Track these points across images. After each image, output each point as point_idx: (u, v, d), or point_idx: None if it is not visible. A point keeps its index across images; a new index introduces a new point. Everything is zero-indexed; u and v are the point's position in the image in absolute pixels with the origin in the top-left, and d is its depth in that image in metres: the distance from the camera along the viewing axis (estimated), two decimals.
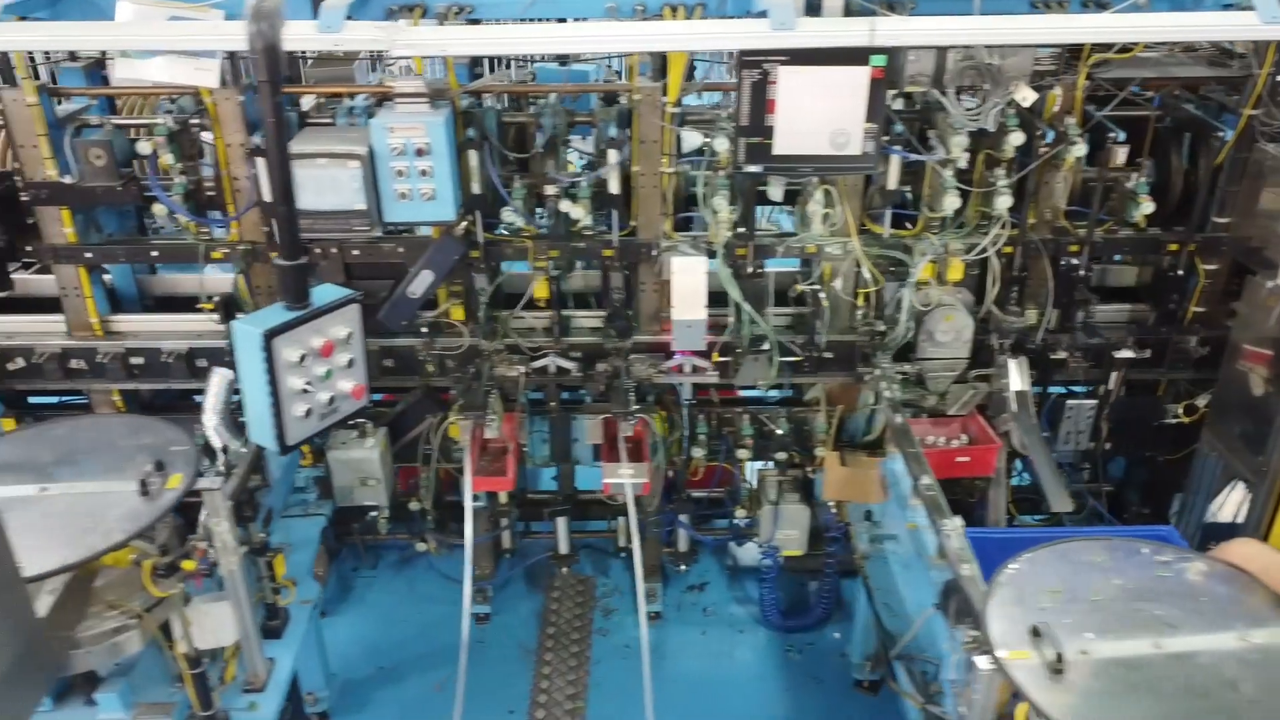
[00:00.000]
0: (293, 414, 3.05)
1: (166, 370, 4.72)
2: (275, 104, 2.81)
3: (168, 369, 4.71)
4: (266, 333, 2.91)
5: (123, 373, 4.74)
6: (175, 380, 4.76)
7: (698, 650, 5.23)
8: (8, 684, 2.59)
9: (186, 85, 4.18)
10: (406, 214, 4.12)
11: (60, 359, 4.72)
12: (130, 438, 3.53)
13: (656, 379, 4.56)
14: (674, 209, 4.51)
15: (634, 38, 3.73)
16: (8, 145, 4.96)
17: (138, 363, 4.73)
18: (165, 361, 4.69)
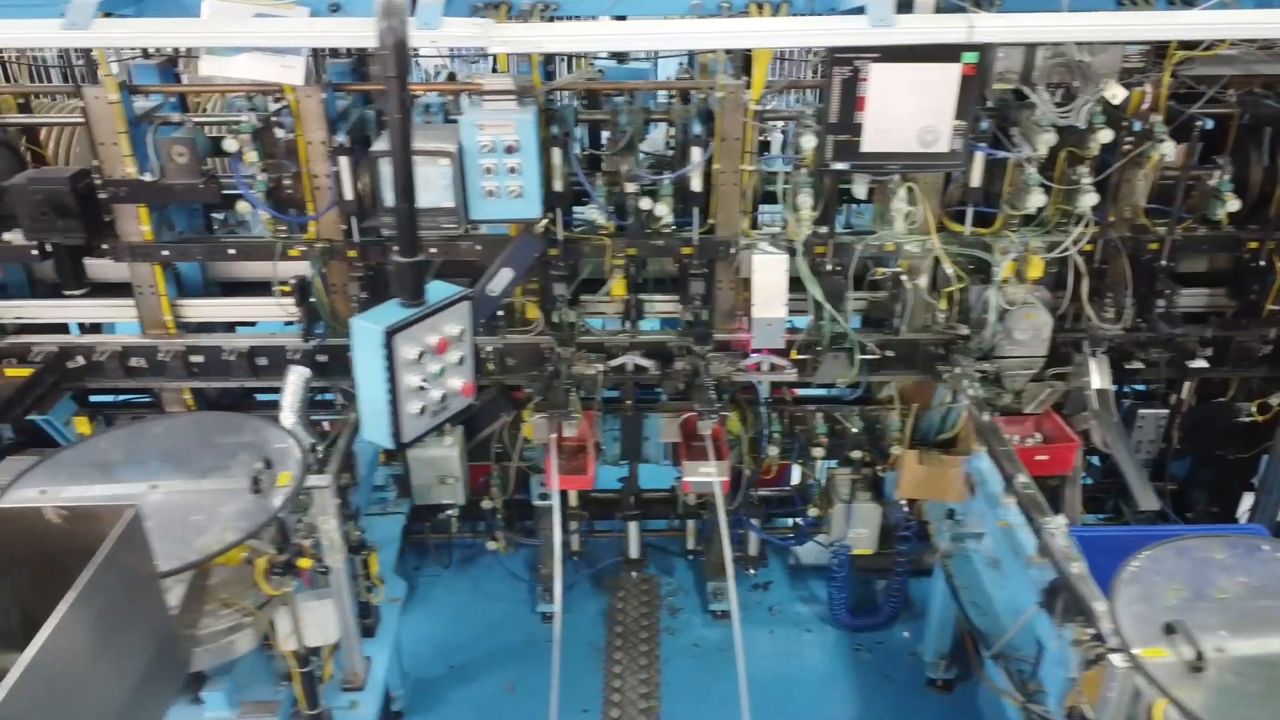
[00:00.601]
0: (408, 411, 3.03)
1: (228, 369, 4.71)
2: (402, 100, 2.79)
3: (228, 367, 4.70)
4: (388, 329, 2.89)
5: (184, 371, 4.73)
6: (236, 379, 4.75)
7: (767, 649, 5.22)
8: (147, 682, 2.58)
9: (270, 82, 4.17)
10: (493, 211, 4.11)
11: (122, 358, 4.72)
12: (229, 435, 3.51)
13: (736, 377, 4.54)
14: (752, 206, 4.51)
15: (734, 34, 3.71)
16: (72, 142, 5.01)
17: (197, 360, 4.72)
18: (227, 360, 4.68)
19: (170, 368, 4.66)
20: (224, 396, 5.15)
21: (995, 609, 4.09)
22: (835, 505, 4.96)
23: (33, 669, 2.04)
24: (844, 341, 4.50)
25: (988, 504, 4.06)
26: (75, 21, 3.57)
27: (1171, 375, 4.74)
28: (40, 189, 4.24)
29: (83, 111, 4.27)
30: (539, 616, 5.38)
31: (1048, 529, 3.45)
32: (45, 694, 2.08)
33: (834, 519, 4.99)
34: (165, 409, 4.95)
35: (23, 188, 4.27)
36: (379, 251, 4.51)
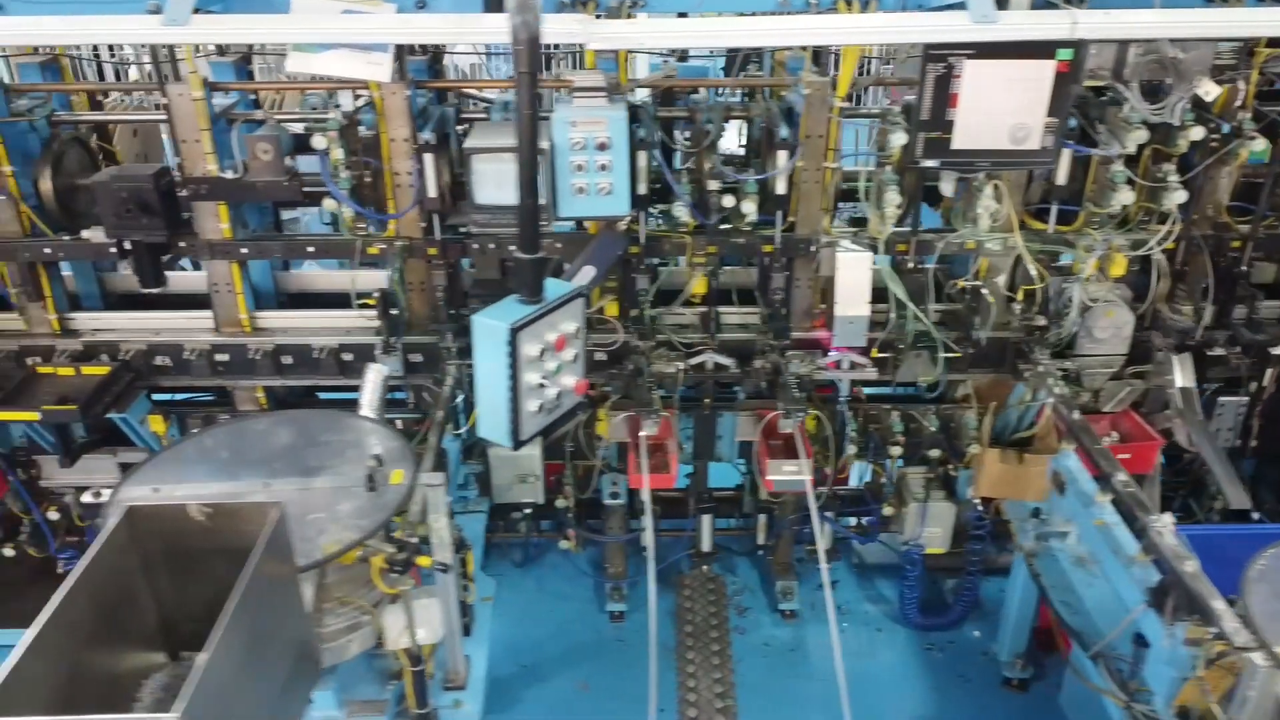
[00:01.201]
0: (527, 409, 3.03)
1: (317, 366, 4.69)
2: (532, 96, 2.79)
3: (318, 365, 4.68)
4: (513, 326, 2.89)
5: (272, 369, 4.72)
6: (325, 376, 4.73)
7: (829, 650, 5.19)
8: (291, 681, 2.57)
9: (356, 79, 4.15)
10: (582, 209, 4.09)
11: (209, 356, 4.71)
12: (332, 433, 3.50)
13: (817, 375, 4.52)
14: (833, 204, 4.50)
15: (837, 30, 3.70)
16: (143, 140, 5.00)
17: (287, 360, 4.71)
18: (316, 357, 4.67)
19: (259, 365, 4.65)
20: (290, 395, 5.13)
21: (1086, 608, 4.07)
22: (909, 504, 4.93)
23: (209, 670, 2.03)
24: (926, 340, 4.48)
25: (1080, 503, 4.04)
26: (175, 18, 3.55)
27: (1252, 372, 4.72)
28: (125, 186, 4.22)
29: (165, 108, 4.27)
30: (607, 616, 5.36)
31: (1155, 527, 3.44)
32: (216, 694, 2.07)
33: (907, 518, 4.97)
34: (237, 407, 4.94)
35: (106, 185, 4.25)
36: (458, 249, 4.50)
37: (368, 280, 4.76)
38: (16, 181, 4.42)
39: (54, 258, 4.55)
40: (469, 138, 3.96)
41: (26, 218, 4.50)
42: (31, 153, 4.50)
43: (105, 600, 2.35)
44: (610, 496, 5.09)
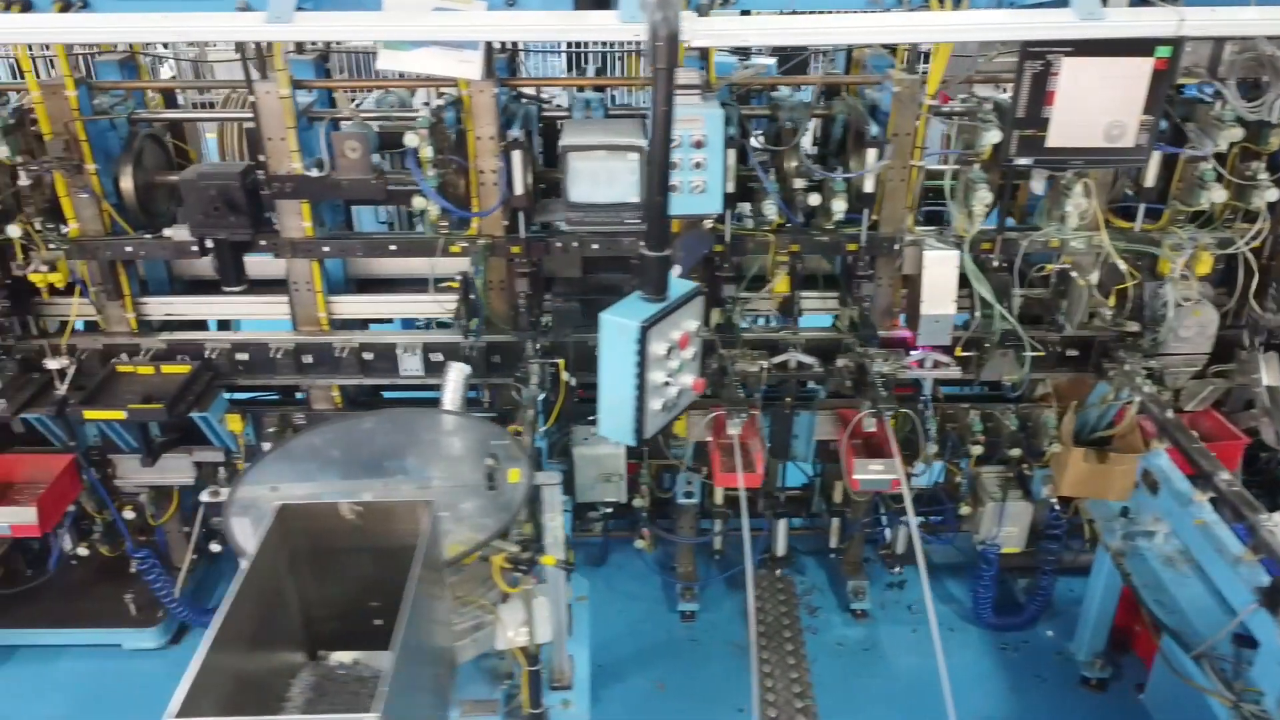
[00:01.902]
0: (651, 408, 3.01)
1: (400, 364, 4.68)
2: (669, 93, 2.77)
3: (400, 364, 4.67)
4: (644, 324, 2.87)
5: (355, 368, 4.70)
6: (409, 374, 4.72)
7: (912, 648, 5.19)
8: (440, 679, 2.55)
9: (446, 77, 4.14)
10: (676, 207, 4.04)
11: (293, 354, 4.69)
12: (439, 432, 3.48)
13: (901, 374, 4.51)
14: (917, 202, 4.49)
15: (938, 28, 3.67)
16: (233, 138, 4.98)
17: (369, 358, 4.70)
18: (398, 357, 4.66)
19: (345, 364, 4.64)
20: (359, 394, 5.12)
21: (1181, 607, 4.06)
22: (986, 504, 4.92)
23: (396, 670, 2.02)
24: (1011, 339, 4.46)
25: (1176, 502, 4.03)
26: (279, 15, 3.54)
27: None
28: (213, 184, 4.21)
29: (252, 107, 4.25)
30: (678, 615, 5.35)
31: (1266, 526, 3.43)
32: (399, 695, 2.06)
33: (984, 517, 4.95)
34: (313, 406, 4.92)
35: (193, 183, 4.24)
36: (541, 248, 4.48)
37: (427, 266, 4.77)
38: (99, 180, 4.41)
39: (135, 256, 4.53)
40: (563, 135, 3.94)
41: (108, 216, 4.48)
42: (111, 151, 4.49)
43: (260, 600, 2.33)
44: (684, 496, 5.08)
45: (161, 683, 4.87)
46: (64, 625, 5.10)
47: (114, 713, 4.82)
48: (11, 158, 4.19)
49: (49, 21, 3.78)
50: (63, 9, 3.95)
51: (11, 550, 5.31)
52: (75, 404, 4.33)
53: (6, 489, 4.84)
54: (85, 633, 5.10)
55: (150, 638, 5.09)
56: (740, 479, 4.00)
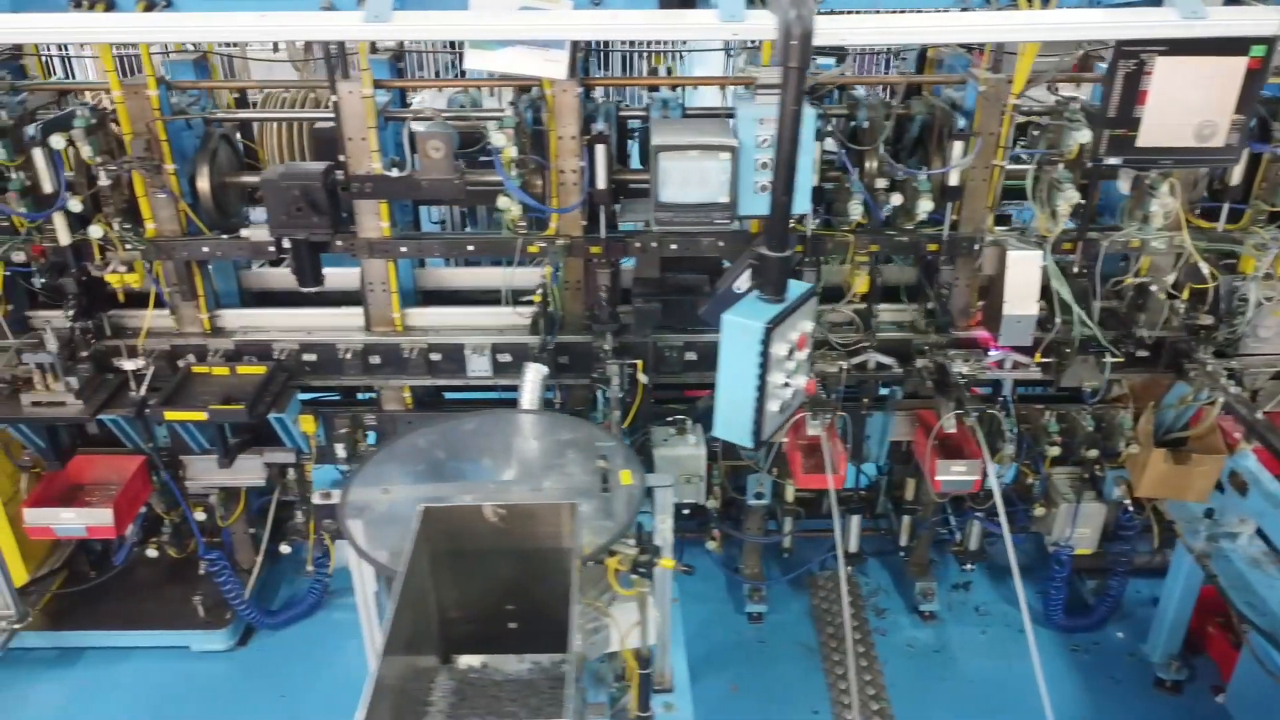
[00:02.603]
0: (770, 409, 2.99)
1: (465, 365, 4.66)
2: (799, 92, 2.76)
3: (470, 364, 4.65)
4: (768, 325, 2.85)
5: (424, 369, 4.68)
6: (477, 375, 4.70)
7: (982, 650, 5.17)
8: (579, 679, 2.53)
9: (533, 76, 4.12)
10: (763, 207, 4.00)
11: (362, 355, 4.67)
12: (545, 434, 3.47)
13: (981, 375, 4.49)
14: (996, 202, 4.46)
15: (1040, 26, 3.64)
16: (290, 138, 4.96)
17: (437, 359, 4.68)
18: (468, 357, 4.64)
19: (413, 364, 4.62)
20: (426, 395, 5.09)
21: (1271, 609, 4.04)
22: (1059, 505, 4.90)
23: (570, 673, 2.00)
24: (1093, 345, 4.44)
25: (1269, 503, 4.01)
26: (377, 14, 3.51)
27: None
28: (296, 184, 4.18)
29: (334, 106, 4.24)
30: (745, 617, 5.33)
31: None
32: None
33: (1057, 519, 4.93)
34: (384, 407, 4.91)
35: (275, 183, 4.21)
36: (620, 248, 4.46)
37: (497, 278, 4.77)
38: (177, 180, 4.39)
39: (211, 256, 4.51)
40: (654, 135, 3.92)
41: (184, 216, 4.46)
42: (186, 151, 4.47)
43: (409, 604, 2.31)
44: (755, 497, 5.06)
45: (231, 685, 4.93)
46: (131, 627, 5.08)
47: (184, 715, 4.81)
48: (93, 157, 4.17)
49: (137, 21, 3.77)
50: (146, 8, 3.97)
51: (76, 551, 5.30)
52: (155, 405, 4.31)
53: (77, 490, 4.83)
54: (153, 634, 5.08)
55: (219, 639, 5.07)
56: (830, 480, 3.98)
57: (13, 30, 3.75)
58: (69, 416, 4.41)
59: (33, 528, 4.56)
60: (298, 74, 7.28)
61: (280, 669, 5.01)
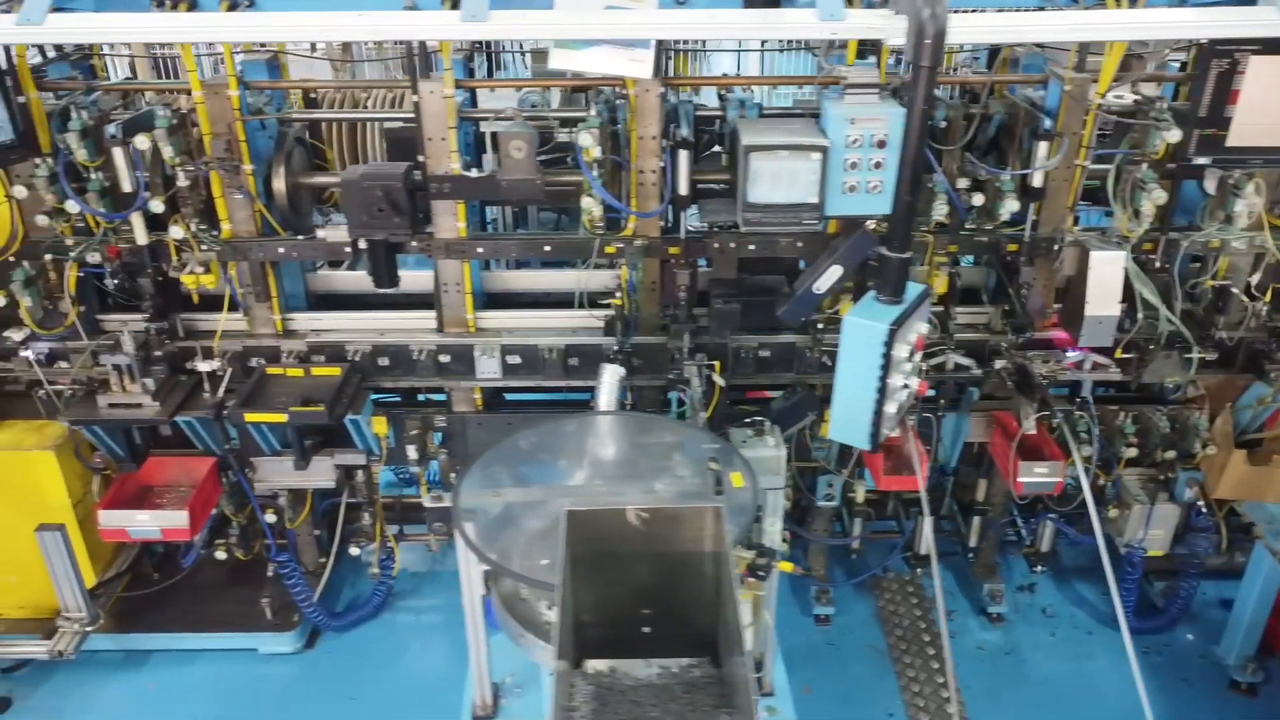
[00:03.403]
0: (888, 410, 2.97)
1: (541, 367, 4.64)
2: (930, 91, 2.74)
3: (543, 366, 4.63)
4: (892, 326, 2.83)
5: (498, 369, 4.66)
6: (549, 377, 4.68)
7: (1052, 652, 5.15)
8: None
9: (618, 76, 4.10)
10: (850, 207, 4.01)
11: (435, 356, 4.66)
12: (647, 436, 3.45)
13: (1061, 376, 4.47)
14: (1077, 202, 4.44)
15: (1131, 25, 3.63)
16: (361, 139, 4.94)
17: (514, 361, 4.66)
18: (545, 358, 4.62)
19: (477, 364, 4.60)
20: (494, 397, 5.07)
21: None
22: (1133, 506, 4.87)
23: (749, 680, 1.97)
24: (1178, 340, 4.42)
25: None
26: (474, 14, 3.50)
27: None
28: (378, 184, 4.16)
29: (415, 106, 4.22)
30: (813, 619, 5.31)
31: None
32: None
33: (1130, 520, 4.91)
34: (454, 408, 4.89)
35: (356, 183, 4.19)
36: (699, 249, 4.44)
37: (563, 280, 4.78)
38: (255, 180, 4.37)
39: (287, 257, 4.49)
40: (743, 135, 3.89)
41: (259, 217, 4.44)
42: (260, 151, 4.44)
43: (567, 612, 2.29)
44: (825, 499, 5.04)
45: (301, 687, 4.90)
46: (198, 629, 5.06)
47: (256, 717, 4.78)
48: (175, 158, 4.15)
49: (227, 20, 3.76)
50: (229, 8, 3.95)
51: (139, 554, 5.28)
52: (234, 407, 4.29)
53: (146, 492, 4.81)
54: (220, 637, 5.06)
55: (287, 642, 5.05)
56: (921, 479, 3.96)
57: (98, 30, 3.74)
58: (146, 418, 4.39)
59: (107, 530, 4.54)
60: (335, 74, 7.29)
61: (349, 672, 4.99)
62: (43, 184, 4.18)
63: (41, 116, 4.18)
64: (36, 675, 4.91)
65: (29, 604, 5.03)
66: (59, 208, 4.25)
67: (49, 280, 4.45)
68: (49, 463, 4.64)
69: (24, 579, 4.93)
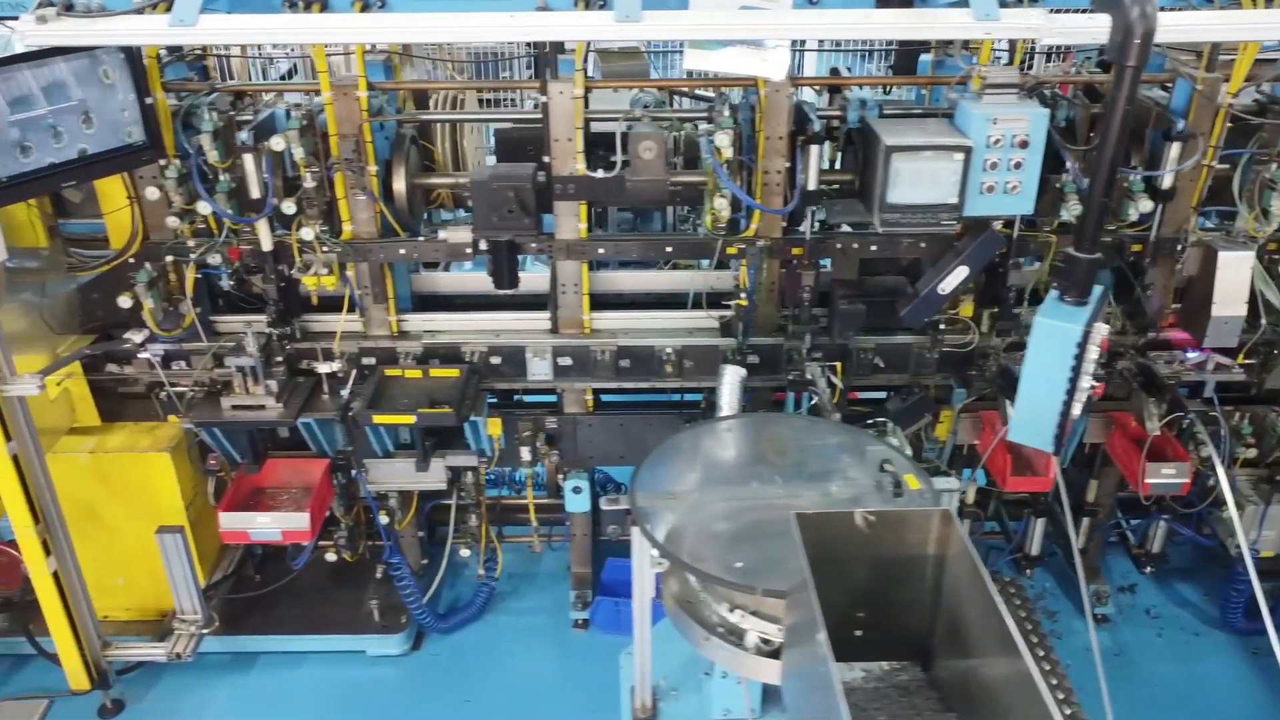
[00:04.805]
0: (1074, 412, 2.96)
1: (656, 368, 4.63)
2: (1134, 91, 2.73)
3: (658, 367, 4.62)
4: (1085, 328, 2.82)
5: (611, 371, 4.65)
6: (663, 379, 4.67)
7: (1162, 653, 5.13)
8: None
9: (751, 76, 4.09)
10: (987, 207, 3.98)
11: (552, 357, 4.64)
12: (808, 437, 3.43)
13: (1185, 377, 4.45)
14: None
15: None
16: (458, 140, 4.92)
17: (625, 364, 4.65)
18: (660, 360, 4.60)
19: (599, 367, 4.58)
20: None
21: None
22: (1246, 508, 4.86)
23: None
24: None
25: None
26: (628, 14, 3.49)
27: None
28: (509, 185, 4.15)
29: (543, 107, 4.20)
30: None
31: None
32: None
33: (1244, 522, 4.88)
34: (565, 410, 4.88)
35: (485, 184, 4.18)
36: (823, 249, 4.43)
37: (676, 281, 4.79)
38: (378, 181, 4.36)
39: (408, 258, 4.48)
40: (885, 136, 3.88)
41: (379, 218, 4.43)
42: (379, 152, 4.42)
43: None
44: None
45: (411, 689, 4.89)
46: (306, 631, 5.05)
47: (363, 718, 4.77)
48: (304, 159, 4.13)
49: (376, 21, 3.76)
50: (362, 9, 3.93)
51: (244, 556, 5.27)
52: (360, 409, 4.27)
53: (259, 494, 4.80)
54: (328, 639, 5.04)
55: (395, 644, 5.03)
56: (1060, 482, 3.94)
57: (232, 31, 3.71)
58: (270, 420, 4.38)
59: (229, 532, 4.52)
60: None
61: (459, 674, 4.98)
62: (171, 186, 4.17)
63: (167, 118, 4.17)
64: (145, 678, 4.89)
65: (134, 606, 5.03)
66: (187, 209, 4.24)
67: (168, 282, 4.44)
68: (164, 465, 4.64)
69: (131, 581, 4.93)
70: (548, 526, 5.42)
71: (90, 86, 3.77)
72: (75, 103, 3.75)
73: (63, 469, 4.33)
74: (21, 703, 4.70)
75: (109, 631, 4.73)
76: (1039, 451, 4.48)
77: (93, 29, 3.50)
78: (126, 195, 4.31)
